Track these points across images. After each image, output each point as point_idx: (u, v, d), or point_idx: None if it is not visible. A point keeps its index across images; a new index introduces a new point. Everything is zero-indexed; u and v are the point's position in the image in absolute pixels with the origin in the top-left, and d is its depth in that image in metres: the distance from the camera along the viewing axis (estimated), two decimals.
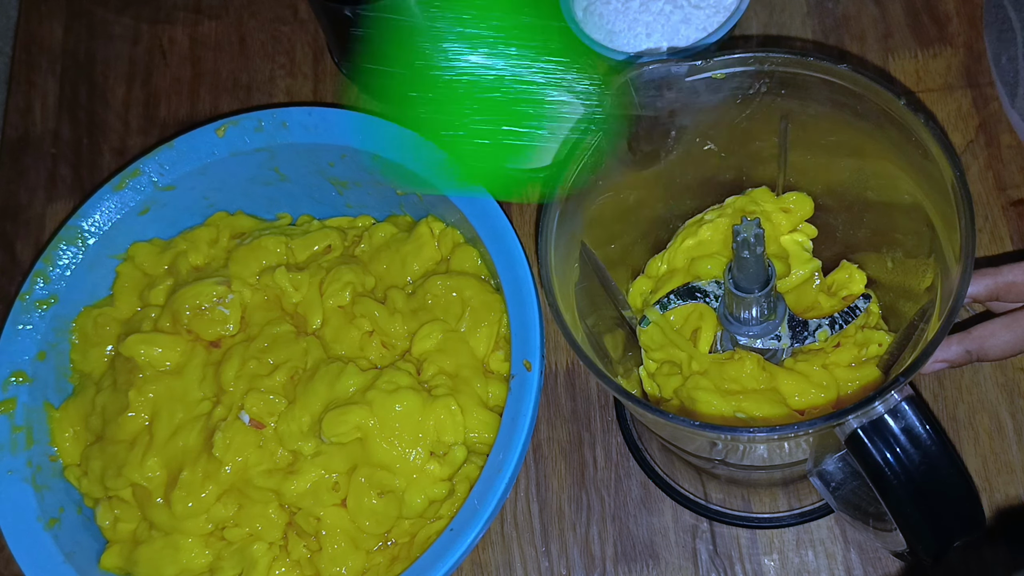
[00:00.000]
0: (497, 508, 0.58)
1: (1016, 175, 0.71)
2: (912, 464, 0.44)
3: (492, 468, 0.58)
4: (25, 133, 0.85)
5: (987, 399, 0.66)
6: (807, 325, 0.54)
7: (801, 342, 0.54)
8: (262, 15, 0.86)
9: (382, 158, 0.67)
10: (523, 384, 0.60)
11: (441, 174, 0.64)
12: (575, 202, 0.53)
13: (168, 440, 0.63)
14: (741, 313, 0.53)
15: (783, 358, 0.54)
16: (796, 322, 0.54)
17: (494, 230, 0.63)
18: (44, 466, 0.65)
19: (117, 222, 0.69)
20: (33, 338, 0.66)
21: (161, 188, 0.70)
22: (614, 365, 0.56)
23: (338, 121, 0.68)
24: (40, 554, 0.61)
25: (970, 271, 0.45)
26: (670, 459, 0.66)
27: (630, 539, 0.66)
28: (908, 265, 0.54)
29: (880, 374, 0.53)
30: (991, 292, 0.54)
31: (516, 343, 0.61)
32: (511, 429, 0.59)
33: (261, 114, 0.69)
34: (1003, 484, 0.64)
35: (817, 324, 0.54)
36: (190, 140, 0.70)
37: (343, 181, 0.71)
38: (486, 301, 0.65)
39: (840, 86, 0.50)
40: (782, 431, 0.45)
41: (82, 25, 0.88)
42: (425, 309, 0.66)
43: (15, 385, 0.65)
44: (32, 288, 0.67)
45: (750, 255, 0.48)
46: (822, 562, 0.64)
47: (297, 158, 0.70)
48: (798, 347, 0.54)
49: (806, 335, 0.54)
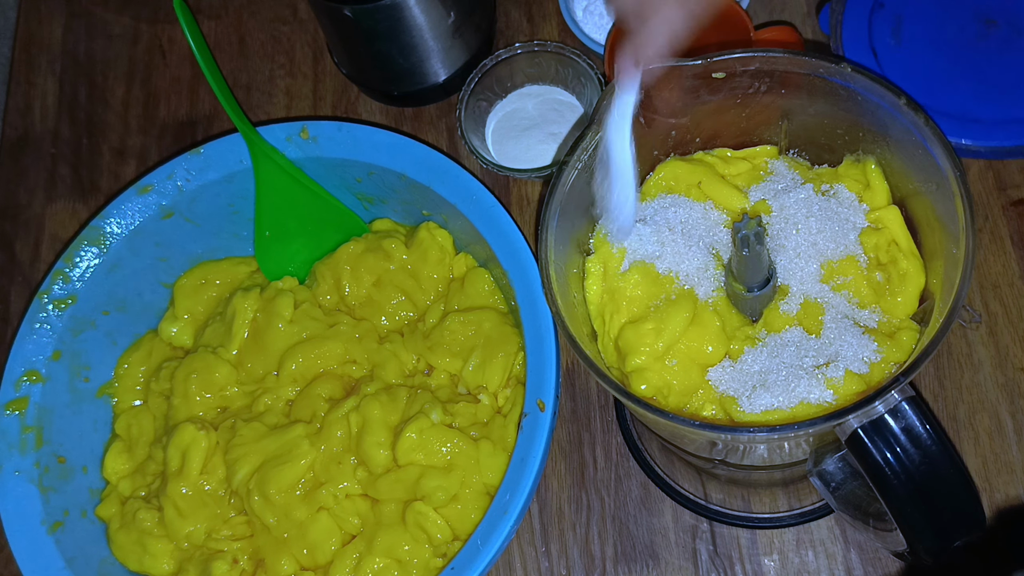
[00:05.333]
0: (500, 550, 0.57)
1: (1016, 175, 0.71)
2: (912, 464, 0.44)
3: (498, 509, 0.57)
4: (25, 133, 0.85)
5: (987, 399, 0.66)
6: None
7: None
8: (262, 15, 0.86)
9: (409, 178, 0.67)
10: (535, 424, 0.58)
11: (468, 201, 0.65)
12: (575, 200, 0.53)
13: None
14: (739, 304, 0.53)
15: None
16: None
17: (523, 271, 0.63)
18: (52, 467, 0.65)
19: (139, 225, 0.69)
20: (49, 338, 0.66)
21: (186, 193, 0.70)
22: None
23: (367, 138, 0.68)
24: (41, 558, 0.61)
25: (971, 271, 0.45)
26: (670, 459, 0.66)
27: (630, 539, 0.66)
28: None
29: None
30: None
31: (531, 381, 0.60)
32: (520, 470, 0.57)
33: (290, 126, 0.69)
34: (1003, 484, 0.64)
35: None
36: (217, 147, 0.70)
37: (370, 197, 0.72)
38: (504, 333, 0.65)
39: (840, 86, 0.50)
40: (782, 431, 0.45)
41: (81, 25, 0.88)
42: (443, 344, 0.66)
43: (28, 384, 0.65)
44: (51, 288, 0.67)
45: (749, 252, 0.48)
46: (822, 562, 0.64)
47: (325, 172, 0.70)
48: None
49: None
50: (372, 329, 0.68)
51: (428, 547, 0.61)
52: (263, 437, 0.65)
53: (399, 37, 0.72)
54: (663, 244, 0.54)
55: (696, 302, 0.52)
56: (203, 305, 0.72)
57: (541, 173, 0.72)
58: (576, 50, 0.73)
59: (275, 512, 0.63)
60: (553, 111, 0.76)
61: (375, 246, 0.70)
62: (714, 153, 0.58)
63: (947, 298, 0.46)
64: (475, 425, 0.64)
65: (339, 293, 0.70)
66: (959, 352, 0.67)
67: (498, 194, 0.72)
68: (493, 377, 0.64)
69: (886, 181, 0.54)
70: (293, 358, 0.67)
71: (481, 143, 0.75)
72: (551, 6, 0.81)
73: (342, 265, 0.70)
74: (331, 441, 0.63)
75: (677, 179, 0.56)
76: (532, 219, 0.75)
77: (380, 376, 0.66)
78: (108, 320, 0.70)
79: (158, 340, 0.72)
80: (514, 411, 0.63)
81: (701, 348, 0.51)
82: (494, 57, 0.74)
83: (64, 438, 0.67)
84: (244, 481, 0.64)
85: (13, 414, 0.64)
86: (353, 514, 0.63)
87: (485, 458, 0.62)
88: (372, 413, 0.63)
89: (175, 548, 0.65)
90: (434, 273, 0.69)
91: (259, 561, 0.64)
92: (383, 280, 0.69)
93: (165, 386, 0.69)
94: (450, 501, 0.61)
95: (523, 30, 0.81)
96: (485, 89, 0.75)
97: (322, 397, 0.66)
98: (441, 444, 0.62)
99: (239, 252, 0.74)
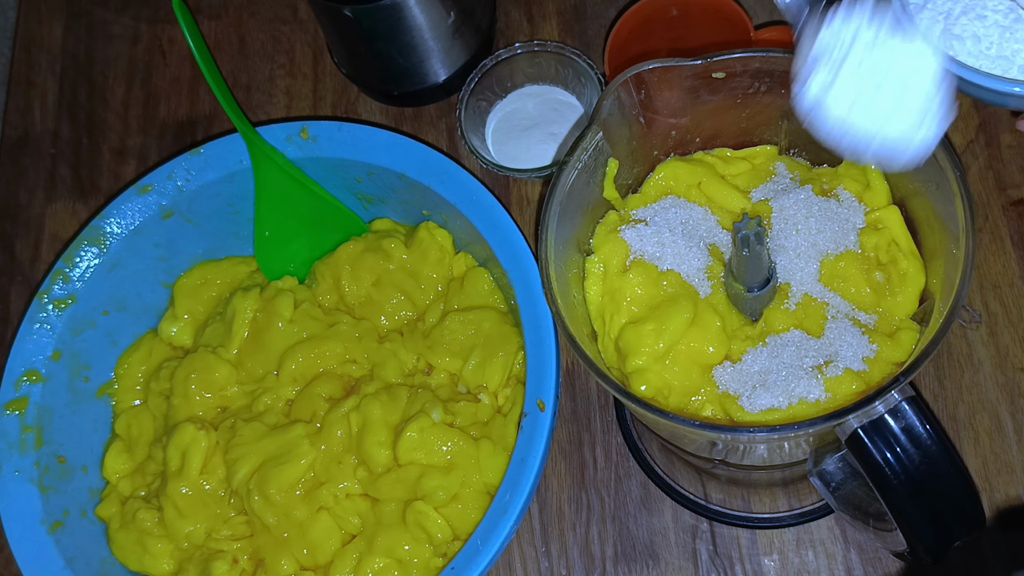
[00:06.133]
0: (500, 550, 0.57)
1: (1016, 175, 0.71)
2: (912, 464, 0.44)
3: (498, 509, 0.57)
4: (25, 133, 0.85)
5: (987, 399, 0.66)
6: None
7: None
8: (262, 15, 0.86)
9: (409, 178, 0.67)
10: (535, 424, 0.58)
11: (468, 201, 0.65)
12: (576, 200, 0.53)
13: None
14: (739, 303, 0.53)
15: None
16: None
17: (523, 271, 0.63)
18: (52, 467, 0.65)
19: (139, 225, 0.69)
20: (49, 338, 0.66)
21: (186, 193, 0.70)
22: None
23: (367, 138, 0.68)
24: (41, 558, 0.61)
25: (971, 271, 0.45)
26: (670, 459, 0.66)
27: (630, 539, 0.66)
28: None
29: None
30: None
31: (531, 381, 0.60)
32: (520, 470, 0.58)
33: (290, 126, 0.69)
34: (1003, 484, 0.64)
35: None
36: (217, 147, 0.70)
37: (370, 197, 0.72)
38: (504, 332, 0.65)
39: None
40: (782, 431, 0.45)
41: (82, 25, 0.88)
42: (442, 344, 0.66)
43: (28, 384, 0.65)
44: (51, 288, 0.67)
45: (749, 252, 0.48)
46: (822, 562, 0.64)
47: (325, 172, 0.70)
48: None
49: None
50: (372, 329, 0.68)
51: (428, 547, 0.61)
52: (263, 437, 0.65)
53: (399, 37, 0.72)
54: (663, 244, 0.54)
55: (697, 302, 0.52)
56: (203, 305, 0.72)
57: (541, 173, 0.72)
58: (576, 50, 0.73)
59: (275, 512, 0.63)
60: (553, 111, 0.76)
61: (375, 246, 0.70)
62: (714, 153, 0.58)
63: (947, 298, 0.46)
64: (475, 425, 0.64)
65: (339, 293, 0.70)
66: (959, 352, 0.67)
67: (498, 194, 0.72)
68: (493, 376, 0.64)
69: (886, 181, 0.54)
70: (293, 358, 0.67)
71: (481, 143, 0.75)
72: (551, 6, 0.81)
73: (342, 265, 0.70)
74: (331, 441, 0.63)
75: (677, 179, 0.56)
76: (532, 219, 0.75)
77: (380, 376, 0.66)
78: (108, 320, 0.70)
79: (158, 340, 0.72)
80: (514, 411, 0.63)
81: (702, 348, 0.51)
82: (494, 57, 0.74)
83: (64, 438, 0.67)
84: (244, 481, 0.64)
85: (13, 414, 0.64)
86: (353, 514, 0.63)
87: (485, 458, 0.62)
88: (372, 412, 0.63)
89: (175, 548, 0.65)
90: (434, 273, 0.69)
91: (259, 561, 0.64)
92: (383, 280, 0.69)
93: (165, 386, 0.69)
94: (450, 501, 0.61)
95: (523, 30, 0.81)
96: (485, 89, 0.75)
97: (322, 397, 0.66)
98: (442, 443, 0.62)
99: (239, 252, 0.74)
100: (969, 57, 0.61)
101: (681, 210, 0.55)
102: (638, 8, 0.73)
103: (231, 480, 0.64)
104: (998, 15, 0.61)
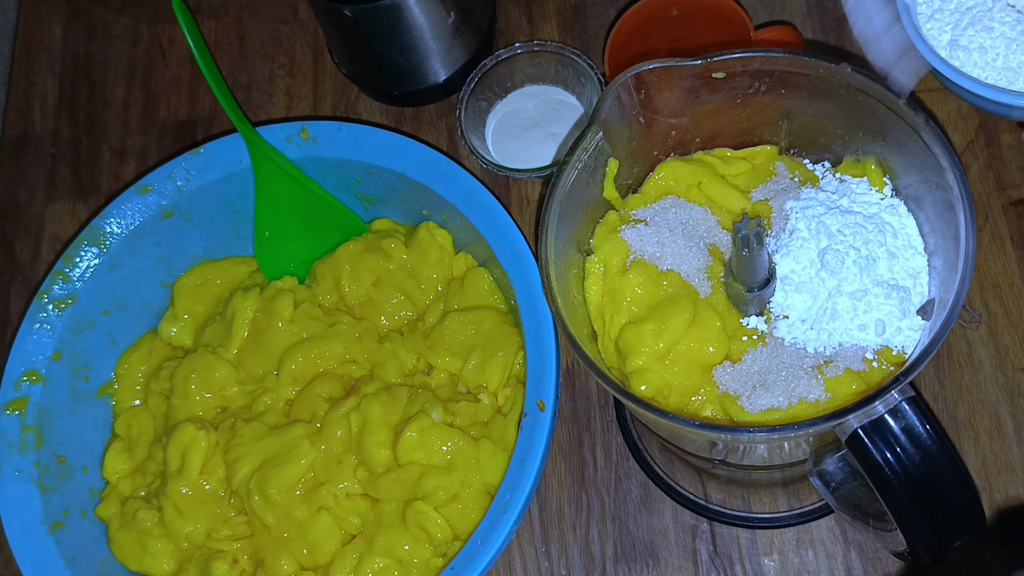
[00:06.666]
0: (500, 550, 0.57)
1: (1016, 175, 0.71)
2: (912, 464, 0.44)
3: (498, 509, 0.57)
4: (25, 133, 0.85)
5: (987, 399, 0.66)
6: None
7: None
8: (262, 15, 0.86)
9: (409, 178, 0.67)
10: (535, 424, 0.58)
11: (468, 201, 0.65)
12: (576, 200, 0.53)
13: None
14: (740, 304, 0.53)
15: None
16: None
17: (523, 271, 0.63)
18: (52, 467, 0.65)
19: (139, 225, 0.69)
20: (49, 338, 0.66)
21: (186, 193, 0.70)
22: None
23: (367, 138, 0.68)
24: (41, 558, 0.61)
25: (971, 271, 0.45)
26: (670, 459, 0.66)
27: (630, 539, 0.66)
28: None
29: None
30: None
31: (531, 381, 0.60)
32: (520, 470, 0.58)
33: (290, 126, 0.69)
34: (1003, 484, 0.64)
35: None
36: (217, 147, 0.70)
37: (370, 197, 0.72)
38: (504, 332, 0.65)
39: (840, 86, 0.50)
40: (782, 431, 0.45)
41: (81, 25, 0.88)
42: (442, 344, 0.66)
43: (28, 384, 0.65)
44: (51, 288, 0.67)
45: (749, 252, 0.48)
46: (822, 562, 0.64)
47: (325, 172, 0.70)
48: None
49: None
50: (372, 329, 0.68)
51: (428, 547, 0.61)
52: (263, 437, 0.65)
53: (399, 37, 0.72)
54: (663, 244, 0.54)
55: (697, 302, 0.52)
56: (203, 305, 0.72)
57: (541, 173, 0.72)
58: (576, 50, 0.73)
59: (275, 512, 0.63)
60: (553, 111, 0.76)
61: (375, 246, 0.70)
62: (714, 153, 0.58)
63: (947, 298, 0.46)
64: (475, 424, 0.64)
65: (339, 293, 0.70)
66: (959, 352, 0.67)
67: (498, 194, 0.72)
68: (493, 376, 0.64)
69: (886, 180, 0.54)
70: (293, 358, 0.67)
71: (481, 143, 0.75)
72: (551, 6, 0.81)
73: (342, 265, 0.70)
74: (331, 441, 0.63)
75: (677, 179, 0.56)
76: (532, 219, 0.75)
77: (380, 375, 0.66)
78: (108, 320, 0.70)
79: (158, 340, 0.72)
80: (514, 411, 0.63)
81: (702, 348, 0.51)
82: (494, 57, 0.74)
83: (64, 438, 0.67)
84: (244, 481, 0.64)
85: (13, 414, 0.64)
86: (353, 514, 0.63)
87: (485, 458, 0.62)
88: (372, 412, 0.63)
89: (175, 548, 0.65)
90: (434, 273, 0.69)
91: (259, 561, 0.64)
92: (383, 280, 0.69)
93: (165, 386, 0.69)
94: (450, 501, 0.61)
95: (523, 30, 0.81)
96: (485, 89, 0.75)
97: (322, 397, 0.66)
98: (442, 443, 0.62)
99: (239, 252, 0.74)
100: (975, 68, 0.61)
101: (681, 210, 0.55)
102: (638, 8, 0.73)
103: (231, 480, 0.64)
104: (1005, 27, 0.61)
